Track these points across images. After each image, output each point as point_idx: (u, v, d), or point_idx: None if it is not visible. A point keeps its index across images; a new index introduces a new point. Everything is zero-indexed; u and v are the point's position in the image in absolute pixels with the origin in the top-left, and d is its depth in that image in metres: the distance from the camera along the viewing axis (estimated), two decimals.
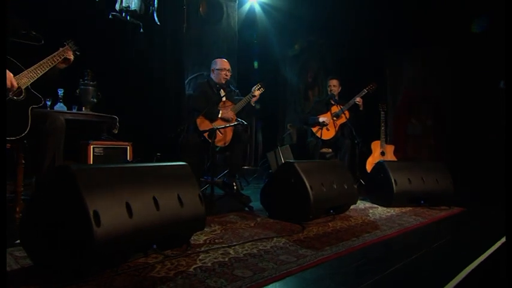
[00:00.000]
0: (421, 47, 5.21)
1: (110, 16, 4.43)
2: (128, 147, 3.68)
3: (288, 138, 6.14)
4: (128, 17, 4.54)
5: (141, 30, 4.64)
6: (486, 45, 4.40)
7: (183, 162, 1.97)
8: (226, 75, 3.65)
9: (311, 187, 2.47)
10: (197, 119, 3.42)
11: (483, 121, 4.53)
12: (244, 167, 5.45)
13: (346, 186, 2.80)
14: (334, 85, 4.55)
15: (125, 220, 1.48)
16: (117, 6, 4.46)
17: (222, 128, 3.32)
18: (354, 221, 2.65)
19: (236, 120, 3.44)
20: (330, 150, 4.47)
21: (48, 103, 3.65)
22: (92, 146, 3.38)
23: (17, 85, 2.11)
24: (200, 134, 3.36)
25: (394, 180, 3.19)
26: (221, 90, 3.65)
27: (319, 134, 4.31)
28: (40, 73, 2.35)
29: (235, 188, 3.58)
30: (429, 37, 4.99)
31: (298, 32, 6.69)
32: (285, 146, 5.08)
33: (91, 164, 1.86)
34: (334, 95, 4.50)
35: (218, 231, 2.22)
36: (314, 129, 4.43)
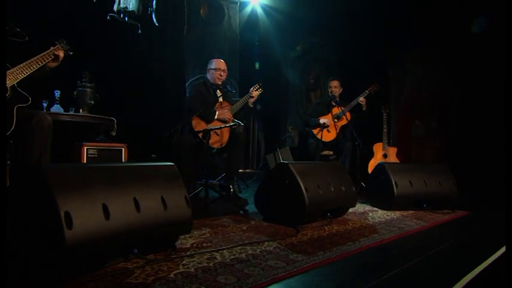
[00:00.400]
0: (425, 47, 5.10)
1: (108, 17, 4.40)
2: (123, 148, 3.61)
3: (289, 140, 6.05)
4: (126, 18, 4.50)
5: (139, 31, 4.60)
6: (492, 45, 4.27)
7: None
8: (220, 75, 3.57)
9: (306, 189, 2.36)
10: (193, 120, 3.35)
11: (489, 122, 4.38)
12: (240, 170, 5.36)
13: (344, 188, 2.69)
14: (335, 86, 4.46)
15: (101, 222, 1.40)
16: (115, 7, 4.44)
17: (218, 129, 3.24)
18: (352, 225, 2.54)
19: (233, 121, 3.37)
20: (332, 152, 4.37)
21: (44, 105, 3.61)
22: (86, 148, 3.32)
23: None
24: (196, 135, 3.28)
25: (395, 182, 3.07)
26: (217, 90, 3.57)
27: (319, 136, 4.21)
28: (27, 72, 2.31)
29: (232, 191, 3.49)
30: (433, 37, 4.88)
31: (300, 34, 6.63)
32: (285, 148, 5.00)
33: (67, 163, 1.78)
34: (335, 96, 4.41)
35: (208, 234, 2.13)
36: (315, 131, 4.34)
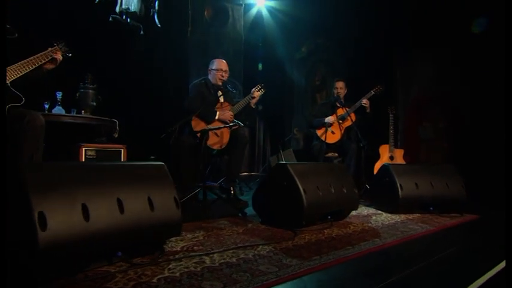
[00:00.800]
0: (433, 47, 4.96)
1: (110, 19, 4.38)
2: (122, 149, 3.56)
3: (294, 142, 5.95)
4: (128, 19, 4.48)
5: (141, 32, 4.57)
6: (501, 45, 4.13)
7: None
8: (222, 76, 3.51)
9: (304, 190, 2.27)
10: (192, 120, 3.28)
11: (499, 122, 4.21)
12: (245, 173, 5.29)
13: (345, 190, 2.59)
14: (340, 87, 4.36)
15: (80, 223, 1.34)
16: (117, 8, 4.41)
17: (217, 129, 3.17)
18: (353, 228, 2.43)
19: (232, 121, 3.29)
20: (336, 154, 4.26)
21: (46, 106, 3.59)
22: (84, 149, 3.27)
23: None
24: (196, 136, 3.22)
25: (400, 184, 2.95)
26: (219, 91, 3.50)
27: (323, 138, 4.11)
28: (22, 72, 2.27)
29: (232, 193, 3.41)
30: (441, 37, 4.75)
31: (305, 35, 6.55)
32: (288, 150, 4.91)
33: (47, 162, 1.74)
34: (339, 97, 4.30)
35: (200, 237, 2.05)
36: (319, 132, 4.24)
